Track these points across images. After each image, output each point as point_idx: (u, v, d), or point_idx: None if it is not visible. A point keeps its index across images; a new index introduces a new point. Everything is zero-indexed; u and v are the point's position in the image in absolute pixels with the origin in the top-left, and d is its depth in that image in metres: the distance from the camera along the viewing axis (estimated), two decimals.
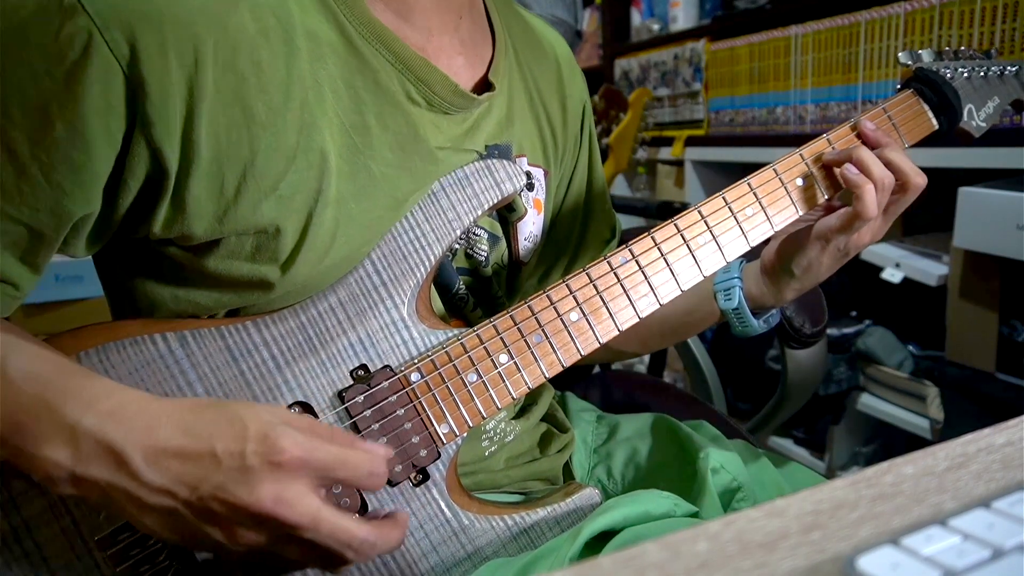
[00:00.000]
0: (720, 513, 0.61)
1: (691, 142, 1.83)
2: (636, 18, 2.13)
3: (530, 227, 0.69)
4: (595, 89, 2.06)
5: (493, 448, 0.65)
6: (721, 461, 0.65)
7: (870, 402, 1.46)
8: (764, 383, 1.52)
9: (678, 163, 1.93)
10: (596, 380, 1.02)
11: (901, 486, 0.31)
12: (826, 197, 0.62)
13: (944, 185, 1.29)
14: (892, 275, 1.36)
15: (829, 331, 1.45)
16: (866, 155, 0.59)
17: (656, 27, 2.04)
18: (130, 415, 0.43)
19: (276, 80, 0.49)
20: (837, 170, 0.61)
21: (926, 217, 1.59)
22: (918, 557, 0.26)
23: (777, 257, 0.66)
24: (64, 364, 0.47)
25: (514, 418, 0.68)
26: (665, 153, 1.95)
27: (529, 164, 0.68)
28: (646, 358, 1.89)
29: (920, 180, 0.60)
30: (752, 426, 1.24)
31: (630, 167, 2.00)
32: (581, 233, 0.78)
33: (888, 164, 0.59)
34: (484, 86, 0.63)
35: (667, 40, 1.93)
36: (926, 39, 1.25)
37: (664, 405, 0.88)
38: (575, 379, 1.00)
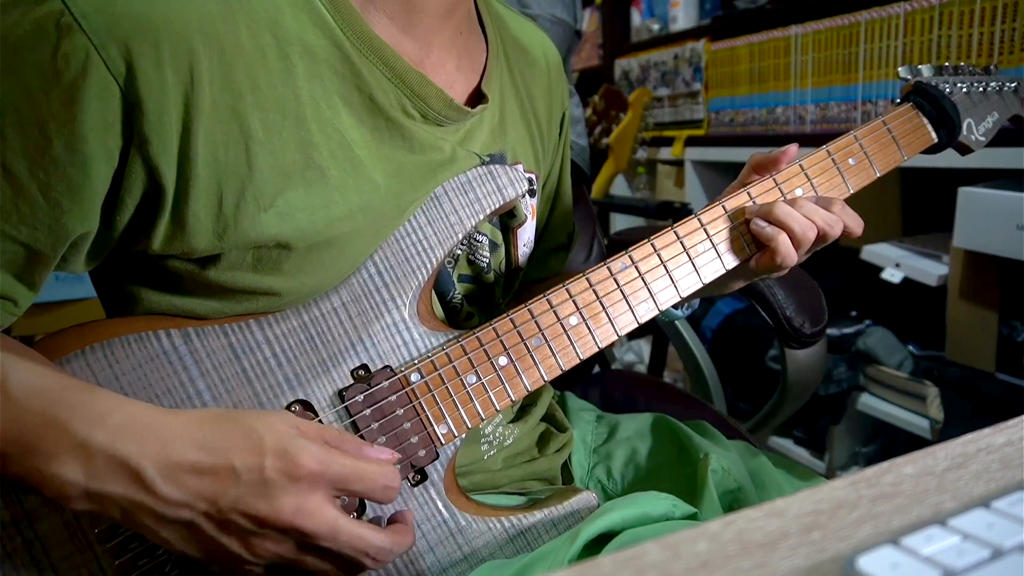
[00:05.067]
0: (720, 513, 0.61)
1: (691, 142, 1.84)
2: (636, 18, 2.14)
3: (528, 233, 0.69)
4: (595, 89, 2.06)
5: (492, 452, 0.65)
6: (721, 461, 0.65)
7: (870, 402, 1.46)
8: (764, 383, 1.52)
9: (678, 163, 1.93)
10: (596, 380, 1.02)
11: (901, 486, 0.31)
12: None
13: (944, 185, 1.29)
14: (892, 275, 1.36)
15: (829, 331, 1.45)
16: (783, 211, 0.58)
17: (656, 27, 2.04)
18: (141, 429, 0.43)
19: (272, 98, 0.49)
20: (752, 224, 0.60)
21: (926, 217, 1.59)
22: (918, 557, 0.26)
23: None
24: (66, 379, 0.46)
25: (512, 421, 0.68)
26: (665, 153, 1.95)
27: (524, 171, 0.68)
28: (646, 358, 1.89)
29: (836, 230, 0.59)
30: (752, 426, 1.24)
31: (630, 167, 2.00)
32: (539, 236, 0.79)
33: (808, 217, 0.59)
34: (477, 96, 0.63)
35: (667, 40, 1.94)
36: (926, 39, 1.25)
37: (664, 405, 0.88)
38: (575, 379, 1.00)
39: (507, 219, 0.66)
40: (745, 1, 1.73)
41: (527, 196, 0.68)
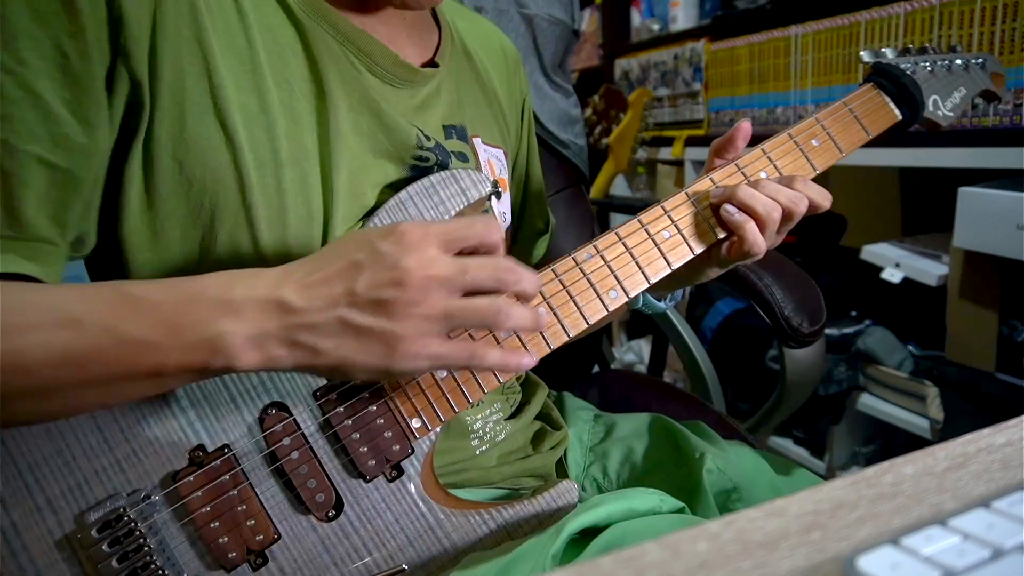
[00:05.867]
0: (715, 513, 0.61)
1: (691, 142, 1.83)
2: (636, 18, 2.13)
3: (503, 206, 0.71)
4: (595, 89, 2.06)
5: (484, 447, 0.65)
6: (716, 461, 0.65)
7: (870, 402, 1.45)
8: (764, 383, 1.52)
9: (678, 163, 1.93)
10: (595, 380, 1.02)
11: (901, 486, 0.31)
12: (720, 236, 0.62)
13: (944, 185, 1.29)
14: (892, 275, 1.36)
15: (829, 331, 1.45)
16: (746, 193, 0.59)
17: (656, 27, 2.04)
18: (267, 275, 0.47)
19: (228, 42, 0.52)
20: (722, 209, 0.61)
21: (926, 217, 1.59)
22: (918, 557, 0.26)
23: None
24: (175, 278, 0.49)
25: (508, 418, 0.68)
26: (665, 153, 1.95)
27: (486, 143, 0.70)
28: (646, 358, 1.89)
29: (802, 207, 0.59)
30: (751, 426, 1.24)
31: (630, 167, 2.00)
32: (516, 223, 0.81)
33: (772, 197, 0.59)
34: (431, 67, 0.65)
35: (667, 40, 1.93)
36: (926, 39, 1.25)
37: (663, 405, 0.88)
38: (574, 379, 1.00)
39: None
40: (745, 1, 1.73)
41: (495, 199, 0.69)
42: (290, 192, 0.54)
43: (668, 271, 0.60)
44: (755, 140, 0.64)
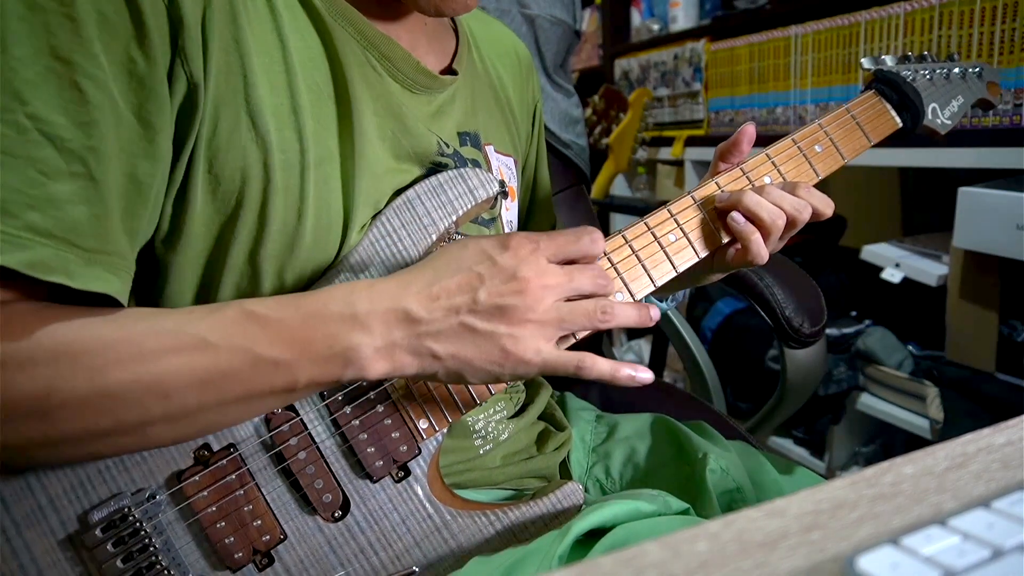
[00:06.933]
0: (718, 513, 0.61)
1: (691, 142, 1.84)
2: (636, 18, 2.13)
3: (508, 216, 0.72)
4: (595, 89, 2.06)
5: (488, 446, 0.65)
6: (720, 462, 0.65)
7: (870, 402, 1.46)
8: (764, 383, 1.52)
9: (678, 163, 1.93)
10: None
11: (901, 486, 0.31)
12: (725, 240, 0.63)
13: (944, 185, 1.29)
14: (892, 275, 1.36)
15: (829, 331, 1.45)
16: (752, 200, 0.59)
17: (656, 27, 2.04)
18: (387, 287, 0.49)
19: (263, 41, 0.52)
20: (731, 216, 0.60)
21: (926, 217, 1.59)
22: (918, 557, 0.26)
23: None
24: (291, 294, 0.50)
25: (510, 417, 0.68)
26: (665, 153, 1.95)
27: (498, 151, 0.71)
28: (646, 358, 1.89)
29: (805, 215, 0.60)
30: (751, 426, 1.24)
31: (630, 167, 2.00)
32: (523, 228, 0.81)
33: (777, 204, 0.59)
34: (448, 74, 0.65)
35: (667, 40, 1.93)
36: (926, 39, 1.25)
37: (664, 405, 0.88)
38: (575, 379, 1.00)
39: (487, 216, 0.68)
40: (745, 1, 1.73)
41: (503, 198, 0.70)
42: (311, 195, 0.54)
43: (674, 274, 0.60)
44: (757, 141, 0.64)
